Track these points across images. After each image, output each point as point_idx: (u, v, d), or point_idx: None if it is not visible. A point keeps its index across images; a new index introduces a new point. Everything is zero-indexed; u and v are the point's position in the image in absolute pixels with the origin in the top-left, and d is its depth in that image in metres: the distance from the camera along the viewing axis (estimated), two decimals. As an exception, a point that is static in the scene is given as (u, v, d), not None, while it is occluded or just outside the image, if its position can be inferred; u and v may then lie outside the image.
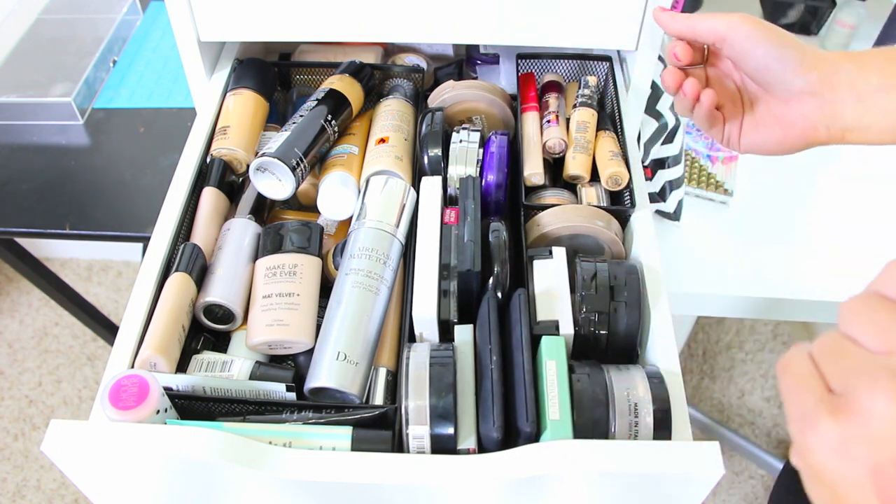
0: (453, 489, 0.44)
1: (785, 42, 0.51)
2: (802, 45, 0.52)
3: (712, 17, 0.54)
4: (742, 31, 0.52)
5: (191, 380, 0.50)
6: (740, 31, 0.52)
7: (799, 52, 0.51)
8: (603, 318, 0.53)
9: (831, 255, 0.82)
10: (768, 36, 0.52)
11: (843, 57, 0.51)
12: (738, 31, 0.52)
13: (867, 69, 0.50)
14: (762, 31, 0.52)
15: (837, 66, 0.51)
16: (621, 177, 0.63)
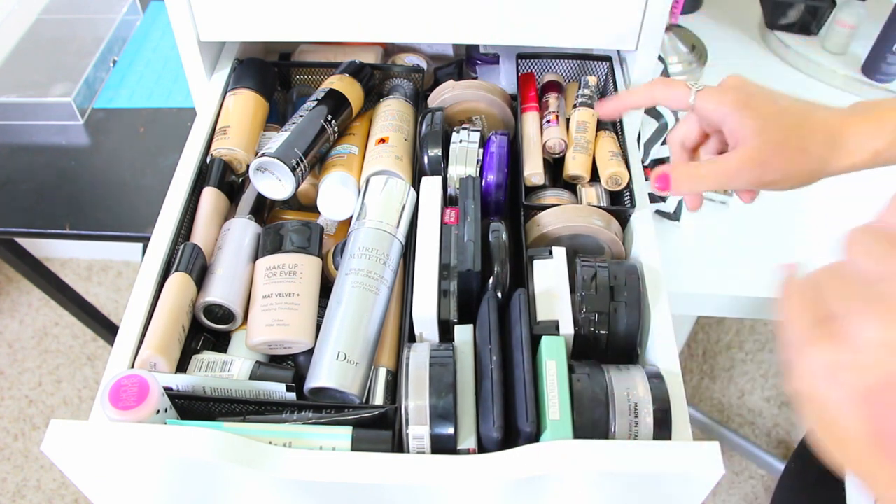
0: (453, 489, 0.44)
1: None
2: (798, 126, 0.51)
3: (705, 106, 0.53)
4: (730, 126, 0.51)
5: (191, 380, 0.50)
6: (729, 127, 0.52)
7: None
8: (603, 318, 0.53)
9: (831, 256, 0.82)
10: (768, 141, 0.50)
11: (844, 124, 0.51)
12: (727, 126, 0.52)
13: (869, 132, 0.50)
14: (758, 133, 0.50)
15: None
16: (621, 177, 0.63)
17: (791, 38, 1.09)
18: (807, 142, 0.50)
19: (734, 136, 0.52)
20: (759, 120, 0.50)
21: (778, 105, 0.51)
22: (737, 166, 0.51)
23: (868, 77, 1.02)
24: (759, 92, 0.52)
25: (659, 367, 0.51)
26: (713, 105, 0.52)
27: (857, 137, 0.50)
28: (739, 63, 1.09)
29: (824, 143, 0.50)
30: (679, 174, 0.52)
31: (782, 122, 0.50)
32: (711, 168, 0.52)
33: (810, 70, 1.06)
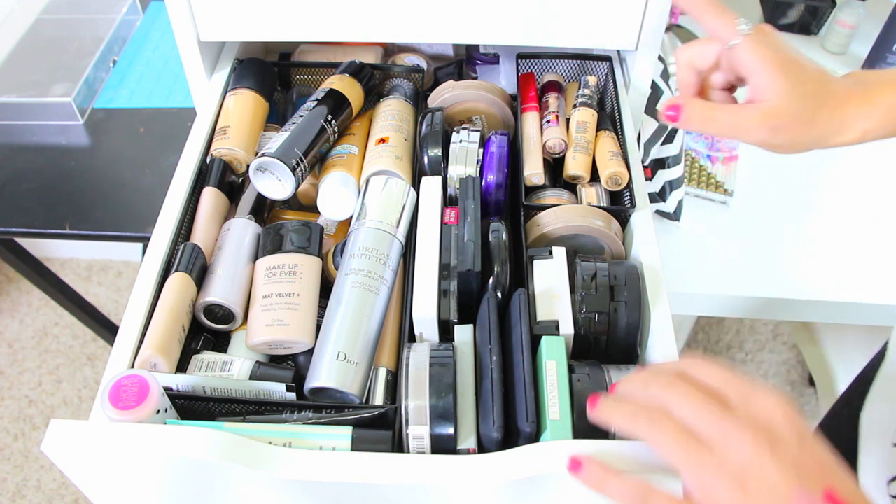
0: (453, 489, 0.44)
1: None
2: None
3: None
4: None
5: (191, 380, 0.50)
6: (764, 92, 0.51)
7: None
8: (603, 319, 0.53)
9: (831, 255, 0.82)
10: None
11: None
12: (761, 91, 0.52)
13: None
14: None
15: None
16: (621, 177, 0.63)
17: (791, 38, 1.09)
18: (816, 115, 0.50)
19: (757, 90, 0.51)
20: (786, 84, 0.50)
21: (805, 72, 0.51)
22: (751, 123, 0.51)
23: (868, 77, 1.02)
24: (789, 52, 0.52)
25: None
26: (752, 57, 0.51)
27: (852, 118, 0.50)
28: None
29: (829, 118, 0.50)
30: (692, 110, 0.52)
31: (803, 91, 0.50)
32: (726, 115, 0.52)
33: (810, 70, 1.06)
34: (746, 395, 0.39)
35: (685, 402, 0.39)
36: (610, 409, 0.43)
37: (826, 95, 0.51)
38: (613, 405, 0.42)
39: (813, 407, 1.56)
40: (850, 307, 0.79)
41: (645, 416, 0.40)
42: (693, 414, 0.39)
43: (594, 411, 0.43)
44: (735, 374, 0.40)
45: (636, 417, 0.40)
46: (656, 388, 0.41)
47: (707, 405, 0.39)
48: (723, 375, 0.41)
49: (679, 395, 0.40)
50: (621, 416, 0.41)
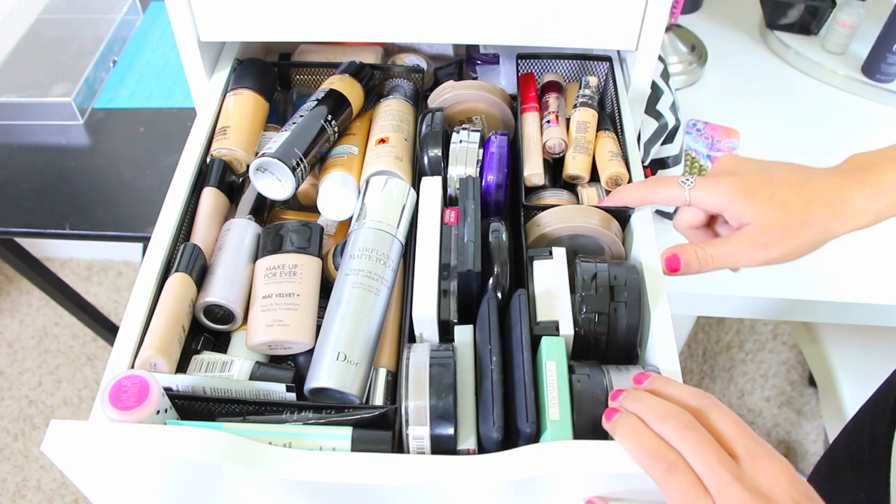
0: (453, 490, 0.44)
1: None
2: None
3: (703, 198, 0.54)
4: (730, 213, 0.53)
5: (191, 380, 0.50)
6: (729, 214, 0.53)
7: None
8: (603, 319, 0.53)
9: (832, 255, 0.82)
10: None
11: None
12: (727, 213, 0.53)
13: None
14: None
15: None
16: (621, 177, 0.63)
17: (791, 38, 1.09)
18: (807, 216, 0.51)
19: (735, 222, 0.53)
20: (756, 204, 0.52)
21: (774, 184, 0.52)
22: (741, 249, 0.52)
23: (868, 77, 1.02)
24: (752, 172, 0.53)
25: (659, 367, 0.51)
26: (709, 198, 0.54)
27: (858, 202, 0.50)
28: (739, 63, 1.09)
29: (825, 213, 0.51)
30: (688, 257, 0.54)
31: (779, 201, 0.51)
32: (718, 250, 0.53)
33: (810, 70, 1.06)
34: (755, 456, 0.40)
35: (701, 454, 0.40)
36: (628, 434, 0.43)
37: (812, 194, 0.51)
38: (633, 432, 0.43)
39: (813, 407, 1.56)
40: (851, 307, 0.79)
41: (664, 459, 0.41)
42: (706, 470, 0.40)
43: (611, 425, 0.44)
44: (747, 429, 0.42)
45: (656, 458, 0.41)
46: (673, 427, 0.42)
47: (721, 465, 0.40)
48: (736, 429, 0.42)
49: (695, 444, 0.41)
50: (639, 449, 0.42)
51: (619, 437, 0.43)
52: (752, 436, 0.41)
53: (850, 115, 1.01)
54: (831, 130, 0.97)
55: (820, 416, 1.53)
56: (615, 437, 0.43)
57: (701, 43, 1.08)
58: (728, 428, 0.42)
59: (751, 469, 0.40)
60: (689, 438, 0.41)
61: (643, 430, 0.43)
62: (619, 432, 0.43)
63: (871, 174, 0.51)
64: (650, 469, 0.41)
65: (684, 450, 0.41)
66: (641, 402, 0.44)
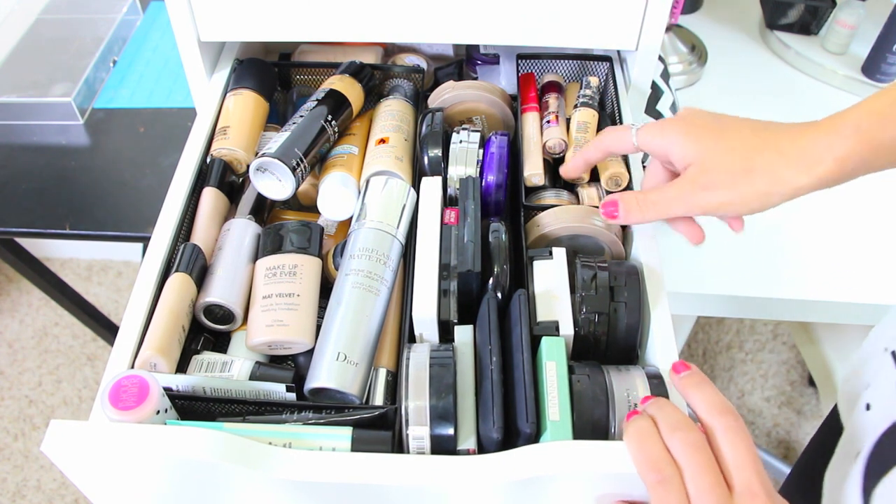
0: (453, 490, 0.44)
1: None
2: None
3: (651, 140, 0.53)
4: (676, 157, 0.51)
5: (191, 380, 0.50)
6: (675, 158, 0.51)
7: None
8: (603, 319, 0.53)
9: (831, 255, 0.82)
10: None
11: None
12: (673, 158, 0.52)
13: None
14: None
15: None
16: (621, 177, 0.63)
17: (791, 38, 1.09)
18: (753, 161, 0.48)
19: (681, 164, 0.51)
20: (699, 144, 0.49)
21: (722, 129, 0.50)
22: (681, 191, 0.50)
23: (868, 77, 1.02)
24: (702, 118, 0.51)
25: (659, 367, 0.51)
26: (655, 139, 0.52)
27: (813, 147, 0.46)
28: (739, 63, 1.09)
29: (775, 159, 0.47)
30: (627, 202, 0.53)
31: (724, 143, 0.49)
32: (658, 195, 0.52)
33: (810, 70, 1.06)
34: (752, 495, 0.39)
35: (697, 476, 0.40)
36: (635, 436, 0.42)
37: (762, 140, 0.48)
38: (640, 435, 0.42)
39: (813, 407, 1.56)
40: (850, 307, 0.79)
41: (660, 470, 0.40)
42: (697, 493, 0.39)
43: (625, 425, 0.44)
44: (756, 464, 0.40)
45: (653, 466, 0.41)
46: (680, 442, 0.41)
47: (713, 493, 0.39)
48: (746, 459, 0.40)
49: (695, 465, 0.40)
50: (640, 453, 0.42)
51: (627, 438, 0.43)
52: (758, 472, 0.40)
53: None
54: (831, 130, 0.97)
55: (820, 416, 1.53)
56: (624, 437, 0.43)
57: (701, 43, 1.08)
58: (737, 456, 0.40)
59: (743, 501, 0.39)
60: (692, 457, 0.40)
61: (650, 436, 0.42)
62: (628, 432, 0.43)
63: (830, 121, 0.47)
64: (644, 476, 0.41)
65: (684, 467, 0.40)
66: (661, 409, 0.43)
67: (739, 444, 0.41)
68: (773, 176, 0.48)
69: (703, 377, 0.44)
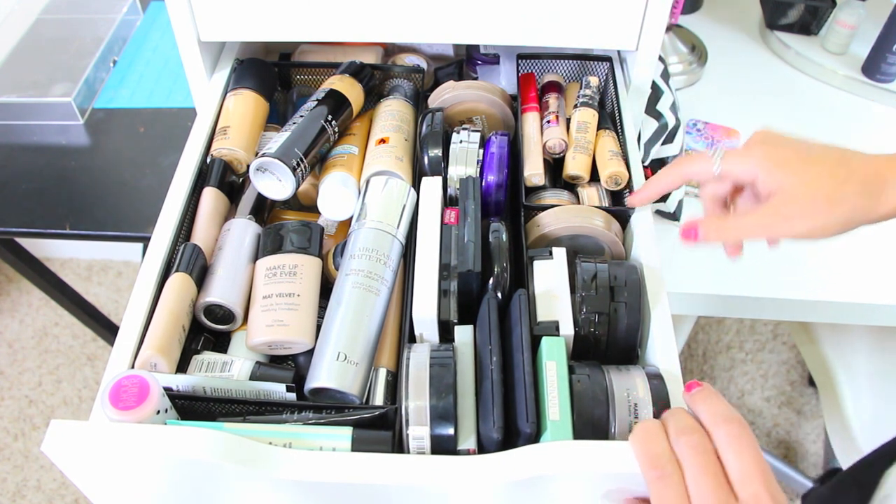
0: (453, 490, 0.44)
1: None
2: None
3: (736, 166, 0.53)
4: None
5: (191, 380, 0.50)
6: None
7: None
8: (603, 319, 0.53)
9: (831, 255, 0.82)
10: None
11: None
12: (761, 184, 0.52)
13: None
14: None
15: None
16: (621, 177, 0.63)
17: (791, 38, 1.09)
18: (838, 193, 0.49)
19: (765, 192, 0.51)
20: (787, 175, 0.50)
21: (808, 155, 0.50)
22: (764, 220, 0.51)
23: (868, 77, 1.02)
24: (786, 144, 0.51)
25: (659, 367, 0.51)
26: (740, 167, 0.52)
27: (893, 185, 0.49)
28: (739, 63, 1.09)
29: (860, 191, 0.49)
30: (707, 228, 0.53)
31: (812, 174, 0.49)
32: (740, 221, 0.52)
33: (810, 70, 1.06)
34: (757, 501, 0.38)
35: (699, 478, 0.39)
36: (640, 434, 0.43)
37: (848, 171, 0.49)
38: (646, 434, 0.42)
39: (813, 407, 1.56)
40: (850, 307, 0.79)
41: (661, 467, 0.40)
42: (697, 494, 0.39)
43: (636, 423, 0.44)
44: (766, 474, 0.39)
45: (654, 463, 0.41)
46: (685, 444, 0.41)
47: (714, 495, 0.39)
48: (753, 469, 0.39)
49: (698, 468, 0.40)
50: (643, 450, 0.42)
51: (632, 435, 0.43)
52: (766, 483, 0.39)
53: (850, 115, 1.01)
54: (831, 131, 0.97)
55: (820, 416, 1.53)
56: (630, 435, 0.43)
57: (701, 43, 1.08)
58: (743, 466, 0.40)
59: None
60: (694, 459, 0.40)
61: (656, 435, 0.42)
62: (634, 430, 0.43)
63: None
64: (645, 472, 0.41)
65: (686, 468, 0.40)
66: (673, 415, 0.43)
67: (745, 452, 0.40)
68: (858, 207, 0.49)
69: (713, 391, 0.44)
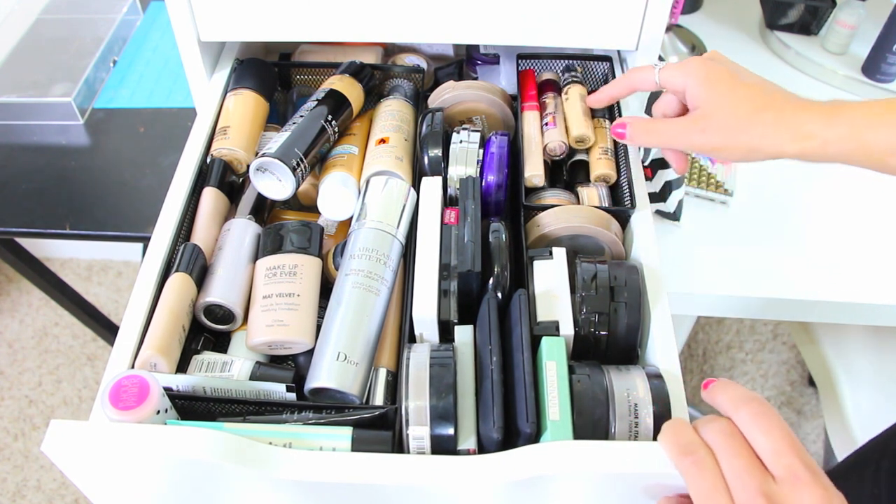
0: (453, 490, 0.44)
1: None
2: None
3: (672, 73, 0.58)
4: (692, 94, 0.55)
5: (191, 380, 0.50)
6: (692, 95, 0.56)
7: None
8: (603, 319, 0.53)
9: (831, 255, 0.82)
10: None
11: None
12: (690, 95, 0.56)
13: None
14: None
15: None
16: (609, 178, 0.65)
17: (791, 38, 1.09)
18: (752, 118, 0.52)
19: (691, 104, 0.56)
20: (713, 91, 0.54)
21: (737, 80, 0.54)
22: (684, 129, 0.55)
23: (868, 77, 1.02)
24: (724, 65, 0.56)
25: (659, 367, 0.51)
26: (676, 78, 0.57)
27: (808, 124, 0.51)
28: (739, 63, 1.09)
29: (770, 122, 0.51)
30: (636, 126, 0.58)
31: (734, 95, 0.53)
32: (664, 126, 0.57)
33: (810, 70, 1.06)
34: (795, 478, 0.38)
35: (732, 460, 0.39)
36: (668, 428, 0.43)
37: (768, 101, 0.52)
38: (674, 427, 0.42)
39: (813, 407, 1.56)
40: (850, 307, 0.79)
41: (693, 453, 0.40)
42: (734, 477, 0.38)
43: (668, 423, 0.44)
44: (797, 448, 0.39)
45: (686, 451, 0.40)
46: (711, 430, 0.41)
47: (750, 475, 0.38)
48: (783, 445, 0.39)
49: (729, 450, 0.39)
50: (674, 441, 0.42)
51: (661, 434, 0.43)
52: (799, 455, 0.38)
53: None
54: (831, 130, 0.97)
55: (820, 416, 1.53)
56: (658, 437, 0.43)
57: (701, 43, 1.08)
58: (772, 441, 0.39)
59: (787, 491, 0.37)
60: (724, 442, 0.40)
61: (683, 426, 0.42)
62: (662, 429, 0.43)
63: (832, 105, 0.51)
64: (678, 461, 0.40)
65: (717, 452, 0.40)
66: (697, 420, 0.43)
67: (772, 429, 0.39)
68: (765, 136, 0.52)
69: (728, 381, 0.44)
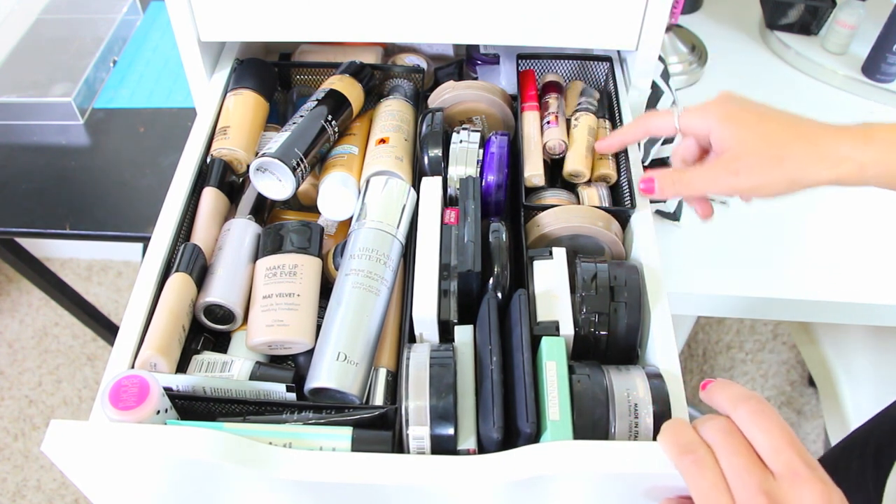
0: (453, 490, 0.44)
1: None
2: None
3: (692, 118, 0.56)
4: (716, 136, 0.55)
5: (191, 380, 0.50)
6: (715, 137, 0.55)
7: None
8: (603, 319, 0.53)
9: (831, 255, 0.82)
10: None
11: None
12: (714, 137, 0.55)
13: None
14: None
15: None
16: (609, 178, 0.65)
17: (791, 38, 1.09)
18: (785, 150, 0.51)
19: (718, 147, 0.55)
20: (737, 129, 0.53)
21: (761, 116, 0.53)
22: (715, 174, 0.54)
23: (868, 77, 1.02)
24: (744, 104, 0.55)
25: (659, 367, 0.51)
26: (696, 122, 0.56)
27: (842, 149, 0.50)
28: (739, 63, 1.09)
29: (804, 152, 0.51)
30: (663, 179, 0.56)
31: (761, 130, 0.52)
32: (693, 175, 0.55)
33: (810, 70, 1.06)
34: (795, 475, 0.38)
35: (731, 458, 0.39)
36: (667, 428, 0.43)
37: (797, 131, 0.52)
38: (673, 427, 0.42)
39: (813, 407, 1.56)
40: (850, 307, 0.79)
41: (693, 451, 0.40)
42: (734, 475, 0.39)
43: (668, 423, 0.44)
44: (796, 446, 0.39)
45: (686, 450, 0.40)
46: (710, 428, 0.41)
47: (749, 473, 0.38)
48: (782, 441, 0.39)
49: (728, 448, 0.40)
50: (673, 440, 0.42)
51: (660, 435, 0.43)
52: (798, 451, 0.38)
53: (850, 115, 1.00)
54: (831, 130, 0.97)
55: (820, 416, 1.53)
56: (658, 437, 0.43)
57: (701, 43, 1.08)
58: (771, 439, 0.39)
59: (786, 488, 0.37)
60: (724, 442, 0.40)
61: (683, 426, 0.42)
62: (661, 429, 0.43)
63: (864, 128, 0.51)
64: (678, 461, 0.40)
65: (717, 450, 0.40)
66: (696, 420, 0.44)
67: (771, 426, 0.40)
68: (802, 167, 0.51)
69: (725, 381, 0.44)
